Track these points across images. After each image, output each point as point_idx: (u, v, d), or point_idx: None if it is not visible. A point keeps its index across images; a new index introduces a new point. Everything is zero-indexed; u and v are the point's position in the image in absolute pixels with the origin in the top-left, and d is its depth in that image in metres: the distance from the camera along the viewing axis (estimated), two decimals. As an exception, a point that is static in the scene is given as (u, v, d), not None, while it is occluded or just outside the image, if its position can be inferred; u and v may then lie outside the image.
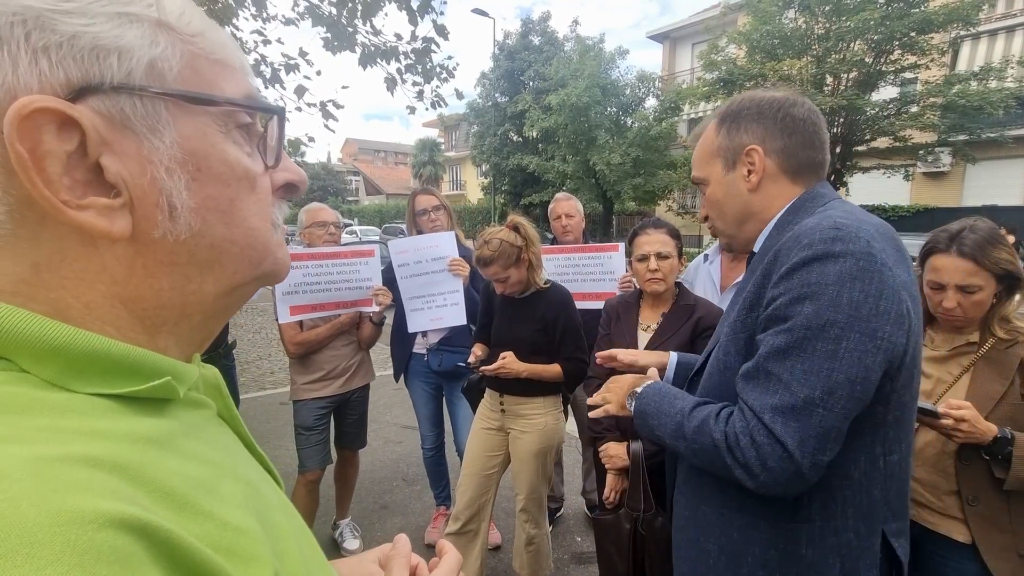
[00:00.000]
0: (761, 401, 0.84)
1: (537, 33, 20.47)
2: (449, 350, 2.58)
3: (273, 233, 0.43)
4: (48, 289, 0.33)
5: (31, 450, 0.26)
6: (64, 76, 0.31)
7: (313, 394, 2.44)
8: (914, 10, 10.83)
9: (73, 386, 0.32)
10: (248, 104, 0.40)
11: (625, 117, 16.69)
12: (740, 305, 0.97)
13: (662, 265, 1.86)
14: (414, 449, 3.48)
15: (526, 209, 19.37)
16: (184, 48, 0.36)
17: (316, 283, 2.35)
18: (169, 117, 0.35)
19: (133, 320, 0.36)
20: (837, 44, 11.61)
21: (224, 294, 0.41)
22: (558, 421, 2.15)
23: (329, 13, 4.06)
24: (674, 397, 1.04)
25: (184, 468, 0.33)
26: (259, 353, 6.54)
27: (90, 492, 0.26)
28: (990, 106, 10.38)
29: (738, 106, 1.04)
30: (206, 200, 0.37)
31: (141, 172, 0.34)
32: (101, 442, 0.29)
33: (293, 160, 0.47)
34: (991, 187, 14.06)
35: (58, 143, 0.31)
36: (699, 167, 1.10)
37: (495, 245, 1.96)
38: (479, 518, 2.15)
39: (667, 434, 1.00)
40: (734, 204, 1.05)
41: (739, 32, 12.69)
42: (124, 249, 0.35)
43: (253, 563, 0.32)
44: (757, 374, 0.87)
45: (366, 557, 0.61)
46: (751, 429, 0.84)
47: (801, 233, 0.87)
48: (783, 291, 0.86)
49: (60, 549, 0.23)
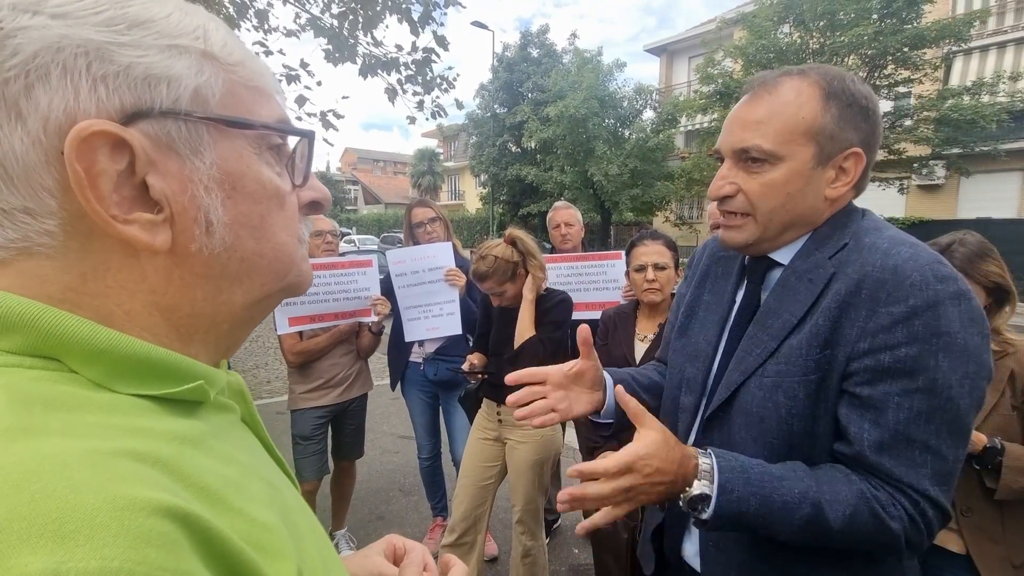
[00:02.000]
0: (917, 475, 0.76)
1: (536, 45, 20.70)
2: (445, 360, 2.58)
3: (299, 247, 0.46)
4: (93, 297, 0.35)
5: (86, 444, 0.29)
6: (119, 102, 0.34)
7: (312, 403, 2.44)
8: (907, 26, 11.02)
9: (116, 387, 0.34)
10: (281, 128, 0.43)
11: (623, 129, 16.82)
12: (799, 340, 0.82)
13: (659, 276, 1.88)
14: (410, 459, 3.47)
15: (524, 219, 19.44)
16: (225, 76, 0.39)
17: (314, 293, 2.35)
18: (210, 140, 0.38)
19: (169, 328, 0.39)
20: (831, 58, 11.76)
21: (251, 305, 0.43)
22: (555, 432, 2.15)
23: (331, 25, 4.12)
24: (775, 480, 0.78)
25: (216, 467, 0.35)
26: (256, 362, 6.52)
27: (139, 483, 0.28)
28: (983, 120, 10.53)
29: (849, 88, 0.82)
30: (239, 216, 0.40)
31: (182, 190, 0.37)
32: (144, 439, 0.32)
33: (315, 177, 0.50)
34: (985, 200, 14.19)
35: (111, 163, 0.34)
36: (774, 138, 0.82)
37: (490, 261, 1.98)
38: (475, 530, 2.14)
39: (786, 532, 0.78)
40: (799, 205, 0.84)
41: (735, 46, 12.86)
42: (163, 261, 0.37)
43: (280, 558, 0.34)
44: (898, 444, 0.76)
45: (372, 550, 0.63)
46: (922, 509, 0.76)
47: (899, 266, 0.77)
48: (904, 339, 0.75)
49: (116, 532, 0.25)
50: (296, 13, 4.16)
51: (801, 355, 0.82)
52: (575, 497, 0.78)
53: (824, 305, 0.81)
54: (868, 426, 0.77)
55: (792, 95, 0.82)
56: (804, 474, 0.80)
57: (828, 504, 0.76)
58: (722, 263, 1.04)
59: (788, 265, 0.89)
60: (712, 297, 1.02)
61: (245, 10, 4.03)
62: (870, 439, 0.77)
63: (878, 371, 0.76)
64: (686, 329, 1.05)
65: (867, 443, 0.77)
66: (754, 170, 0.84)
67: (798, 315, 0.84)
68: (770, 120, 0.82)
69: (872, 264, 0.79)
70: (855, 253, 0.82)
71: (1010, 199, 14.13)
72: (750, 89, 0.87)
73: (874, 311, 0.77)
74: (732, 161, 0.87)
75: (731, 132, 0.87)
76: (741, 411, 0.88)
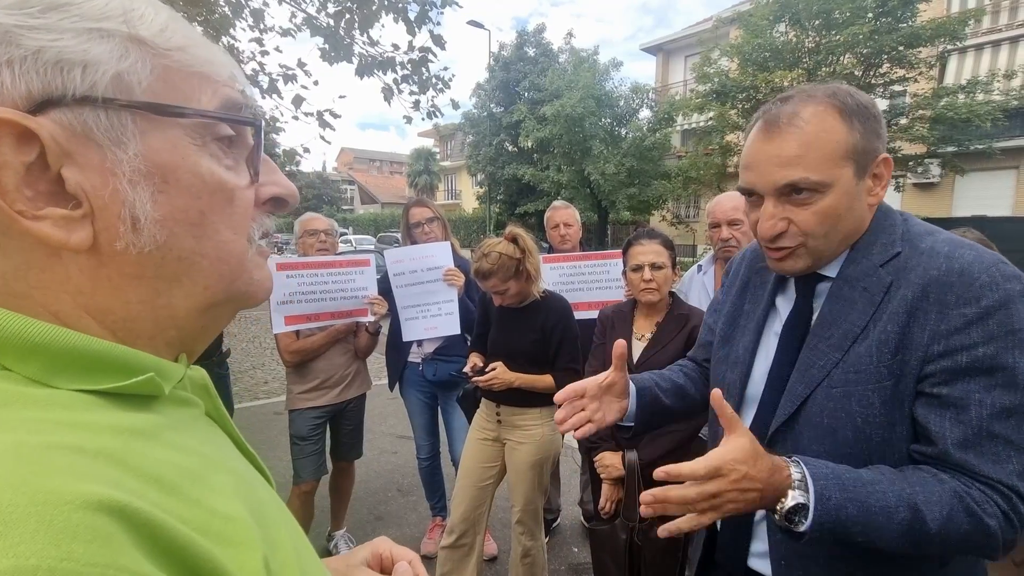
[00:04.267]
0: (1005, 471, 0.75)
1: (532, 45, 20.69)
2: (444, 360, 2.58)
3: (248, 248, 0.42)
4: (17, 298, 0.33)
5: (13, 437, 0.27)
6: (25, 88, 0.32)
7: (309, 403, 2.43)
8: (902, 25, 11.06)
9: (55, 382, 0.32)
10: (219, 115, 0.39)
11: (619, 128, 16.84)
12: (866, 348, 0.83)
13: (656, 275, 1.88)
14: (409, 459, 3.46)
15: (521, 218, 19.43)
16: (157, 62, 0.36)
17: (311, 292, 2.34)
18: (136, 129, 0.35)
19: (103, 331, 0.36)
20: (827, 57, 11.81)
21: (199, 312, 0.40)
22: (555, 432, 2.14)
23: (327, 24, 4.10)
24: (868, 484, 0.77)
25: (171, 457, 0.34)
26: (252, 363, 6.49)
27: (70, 475, 0.26)
28: (978, 118, 10.57)
29: (859, 100, 0.85)
30: (174, 212, 0.37)
31: (103, 184, 0.34)
32: (85, 433, 0.30)
33: (287, 171, 0.47)
34: (981, 198, 14.26)
35: (15, 154, 0.32)
36: (820, 167, 0.82)
37: (493, 258, 1.97)
38: (474, 531, 2.13)
39: (886, 538, 0.76)
40: (851, 220, 0.87)
41: (731, 45, 12.89)
42: (87, 260, 0.35)
43: (242, 548, 0.33)
44: (981, 440, 0.76)
45: (355, 557, 0.60)
46: (1015, 505, 0.75)
47: (965, 268, 0.78)
48: (981, 339, 0.76)
49: (35, 528, 0.23)
50: (292, 12, 4.15)
51: (872, 363, 0.82)
52: (658, 499, 0.77)
53: (890, 312, 0.82)
54: (949, 424, 0.77)
55: (817, 123, 0.83)
56: (895, 477, 0.78)
57: (925, 505, 0.75)
58: (761, 274, 1.06)
59: (838, 275, 0.89)
60: (751, 307, 1.06)
61: (241, 9, 4.00)
62: (953, 436, 0.76)
63: (956, 371, 0.77)
64: (729, 338, 1.08)
65: (950, 440, 0.77)
66: (804, 201, 0.85)
67: (860, 324, 0.84)
68: (808, 152, 0.83)
69: (937, 268, 0.80)
70: (914, 259, 0.83)
71: (1005, 197, 14.20)
72: (768, 125, 0.87)
73: (945, 314, 0.78)
74: (775, 199, 0.87)
75: (767, 172, 0.86)
76: (809, 424, 0.87)
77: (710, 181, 14.40)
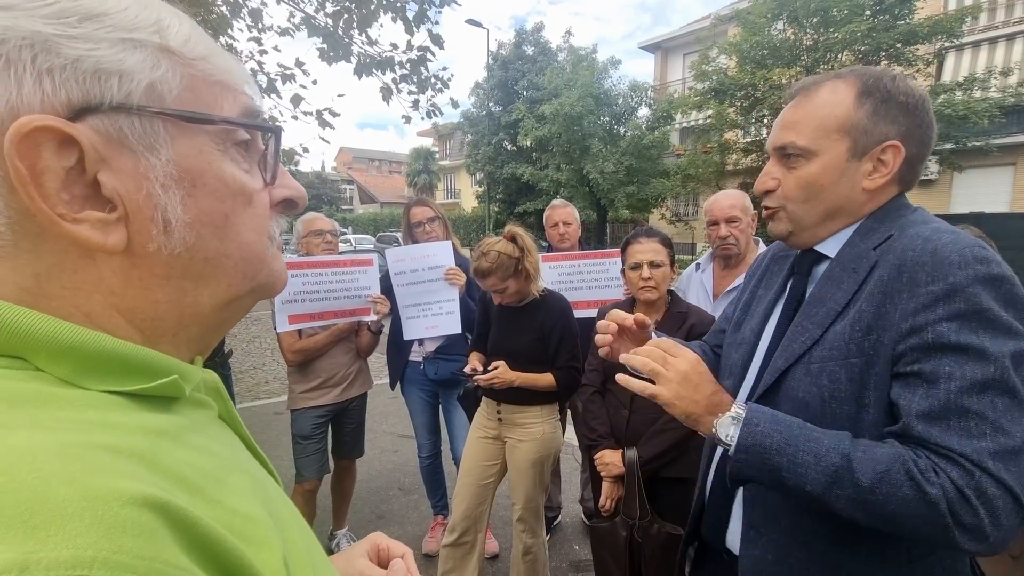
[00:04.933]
0: (974, 446, 0.70)
1: (531, 43, 20.68)
2: (445, 358, 2.59)
3: (269, 246, 0.44)
4: (49, 299, 0.34)
5: (57, 437, 0.28)
6: (65, 96, 0.33)
7: (311, 402, 2.44)
8: (900, 22, 11.09)
9: (86, 383, 0.34)
10: (244, 123, 0.41)
11: (618, 126, 16.83)
12: (843, 326, 0.84)
13: (655, 273, 1.88)
14: (410, 458, 3.47)
15: (520, 217, 19.44)
16: (184, 71, 0.38)
17: (315, 292, 2.35)
18: (167, 136, 0.37)
19: (132, 330, 0.38)
20: (825, 55, 11.82)
21: (220, 307, 0.42)
22: (556, 430, 2.16)
23: (325, 24, 4.10)
24: (807, 428, 0.80)
25: (194, 459, 0.34)
26: (253, 363, 6.50)
27: (114, 474, 0.28)
28: (975, 115, 10.59)
29: (887, 85, 0.86)
30: (201, 215, 0.38)
31: (137, 188, 0.36)
32: (118, 433, 0.31)
33: (290, 174, 0.49)
34: (978, 194, 14.27)
35: (56, 160, 0.33)
36: (809, 135, 0.87)
37: (493, 257, 1.97)
38: (476, 529, 2.14)
39: (811, 479, 0.77)
40: (836, 196, 0.89)
41: (729, 43, 12.89)
42: (120, 262, 0.36)
43: (264, 547, 0.34)
44: (950, 413, 0.73)
45: (355, 551, 0.62)
46: (978, 482, 0.69)
47: (938, 248, 0.78)
48: (946, 315, 0.75)
49: (89, 521, 0.25)
50: (290, 12, 4.15)
51: (843, 339, 0.83)
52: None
53: (867, 291, 0.83)
54: (918, 398, 0.76)
55: (827, 95, 0.88)
56: (841, 434, 0.79)
57: (859, 460, 0.75)
58: (779, 261, 1.09)
59: (835, 257, 0.91)
60: (764, 292, 1.08)
61: (239, 9, 4.01)
62: (919, 408, 0.75)
63: (924, 348, 0.76)
64: (741, 323, 1.11)
65: (915, 412, 0.75)
66: (791, 165, 0.91)
67: (842, 303, 0.86)
68: (806, 119, 0.88)
69: (912, 249, 0.81)
70: (898, 242, 0.84)
71: (1003, 193, 14.23)
72: (794, 94, 0.93)
73: (914, 292, 0.78)
74: (775, 158, 0.94)
75: (774, 132, 0.94)
76: (787, 397, 0.89)
77: (709, 179, 14.41)
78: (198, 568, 0.28)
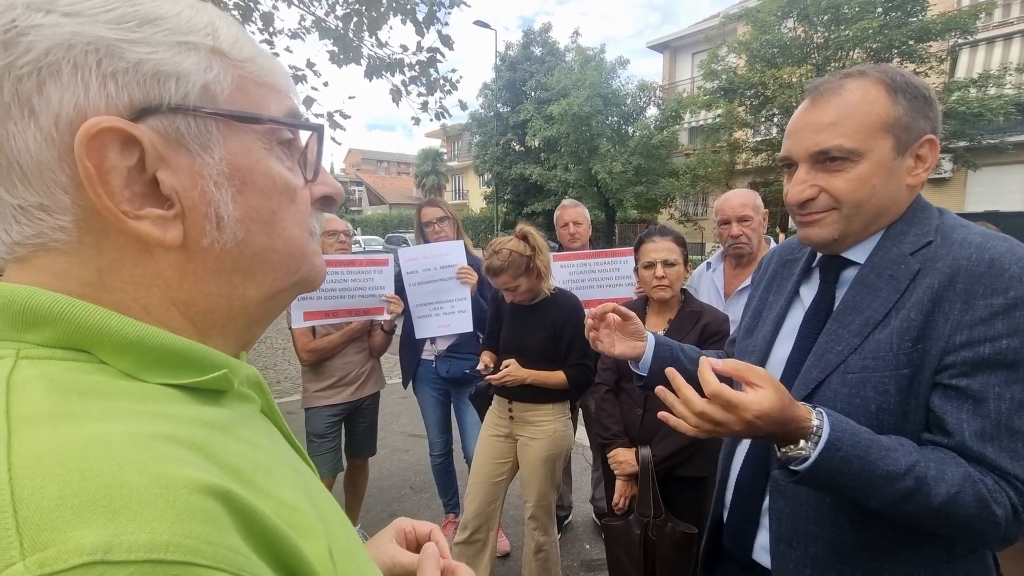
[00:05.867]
0: (1022, 467, 0.74)
1: (539, 44, 20.68)
2: (457, 357, 2.61)
3: (310, 241, 0.46)
4: (111, 292, 0.36)
5: (125, 427, 0.30)
6: (128, 98, 0.35)
7: (325, 401, 2.47)
8: (912, 19, 10.96)
9: (145, 376, 0.35)
10: (290, 122, 0.43)
11: (626, 126, 16.81)
12: (887, 335, 0.82)
13: (668, 272, 1.88)
14: (421, 457, 3.49)
15: (529, 218, 19.42)
16: (235, 72, 0.40)
17: (331, 289, 2.38)
18: (219, 135, 0.38)
19: (186, 322, 0.39)
20: (836, 53, 11.72)
21: (265, 300, 0.44)
22: (567, 428, 2.17)
23: (335, 27, 4.14)
24: (882, 448, 0.76)
25: (244, 451, 0.36)
26: (264, 363, 6.56)
27: (179, 462, 0.29)
28: (990, 113, 10.44)
29: (910, 80, 0.85)
30: (250, 211, 0.40)
31: (192, 185, 0.37)
32: (176, 424, 0.33)
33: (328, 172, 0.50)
34: (993, 193, 14.06)
35: (121, 159, 0.34)
36: (857, 135, 0.83)
37: (505, 255, 1.99)
38: (487, 527, 2.15)
39: (878, 499, 0.76)
40: (887, 195, 0.85)
41: (739, 41, 12.81)
42: (176, 256, 0.38)
43: (311, 537, 0.35)
44: (1000, 434, 0.74)
45: (383, 538, 0.64)
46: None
47: (995, 259, 0.77)
48: (1006, 331, 0.74)
49: (163, 507, 0.26)
50: (301, 15, 4.19)
51: (891, 350, 0.81)
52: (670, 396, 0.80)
53: (915, 299, 0.81)
54: (967, 416, 0.76)
55: (860, 93, 0.84)
56: (913, 449, 0.78)
57: (933, 480, 0.74)
58: (788, 266, 1.07)
59: (866, 262, 0.89)
60: (775, 298, 1.06)
61: (250, 12, 4.05)
62: (971, 428, 0.75)
63: (977, 363, 0.75)
64: (752, 331, 1.09)
65: (968, 432, 0.76)
66: (836, 168, 0.85)
67: (882, 311, 0.84)
68: (845, 120, 0.84)
69: (966, 258, 0.79)
70: (944, 248, 0.82)
71: (1018, 192, 13.99)
72: (812, 94, 0.89)
73: (970, 304, 0.76)
74: (808, 165, 0.88)
75: (803, 138, 0.88)
76: (841, 413, 0.85)
77: (718, 178, 14.33)
78: (255, 555, 0.29)
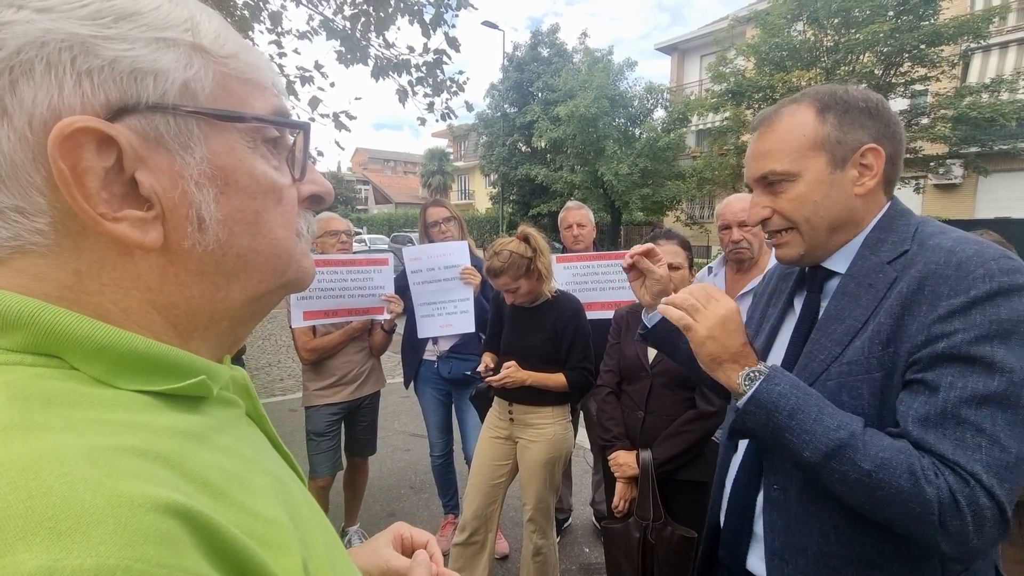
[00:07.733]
0: (969, 457, 0.72)
1: (546, 45, 20.66)
2: (459, 358, 2.60)
3: (297, 242, 0.44)
4: (89, 295, 0.35)
5: (85, 440, 0.29)
6: (104, 97, 0.33)
7: (325, 400, 2.47)
8: (924, 23, 10.83)
9: (117, 383, 0.34)
10: (274, 120, 0.41)
11: (633, 128, 16.77)
12: (862, 341, 0.84)
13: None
14: (421, 457, 3.49)
15: (534, 219, 19.43)
16: (216, 69, 0.38)
17: (330, 289, 2.39)
18: (200, 134, 0.37)
19: (166, 325, 0.38)
20: (846, 56, 11.62)
21: (251, 301, 0.42)
22: (567, 431, 2.16)
23: (343, 27, 4.15)
24: (825, 403, 0.82)
25: (218, 461, 0.35)
26: (268, 360, 6.59)
27: (138, 479, 0.28)
28: (1002, 118, 10.33)
29: (842, 96, 0.90)
30: (233, 212, 0.39)
31: (173, 186, 0.36)
32: (146, 434, 0.32)
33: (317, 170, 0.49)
34: (1004, 199, 13.91)
35: (97, 160, 0.33)
36: (787, 159, 0.91)
37: (505, 256, 1.99)
38: (486, 528, 2.15)
39: (811, 448, 0.78)
40: (834, 207, 0.90)
41: (748, 44, 12.74)
42: (157, 259, 0.37)
43: (283, 552, 0.34)
44: (946, 421, 0.74)
45: (379, 541, 0.63)
46: (972, 492, 0.71)
47: (963, 261, 0.78)
48: (962, 327, 0.75)
49: (113, 529, 0.25)
50: (309, 15, 4.21)
51: (863, 354, 0.84)
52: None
53: (887, 305, 0.83)
54: (917, 404, 0.77)
55: (788, 119, 0.92)
56: (857, 418, 0.80)
57: (864, 443, 0.76)
58: (785, 279, 1.12)
59: (846, 272, 0.92)
60: (772, 310, 1.10)
61: (259, 12, 4.08)
62: (916, 414, 0.76)
63: (934, 357, 0.76)
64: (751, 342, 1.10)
65: (911, 417, 0.76)
66: (779, 190, 0.93)
67: (862, 319, 0.86)
68: (779, 145, 0.92)
69: (936, 262, 0.81)
70: (919, 256, 0.84)
71: (1030, 198, 13.85)
72: (756, 126, 0.98)
73: (935, 305, 0.78)
74: (759, 189, 0.97)
75: (750, 166, 0.97)
76: None
77: (725, 182, 14.25)
78: (218, 574, 0.28)
